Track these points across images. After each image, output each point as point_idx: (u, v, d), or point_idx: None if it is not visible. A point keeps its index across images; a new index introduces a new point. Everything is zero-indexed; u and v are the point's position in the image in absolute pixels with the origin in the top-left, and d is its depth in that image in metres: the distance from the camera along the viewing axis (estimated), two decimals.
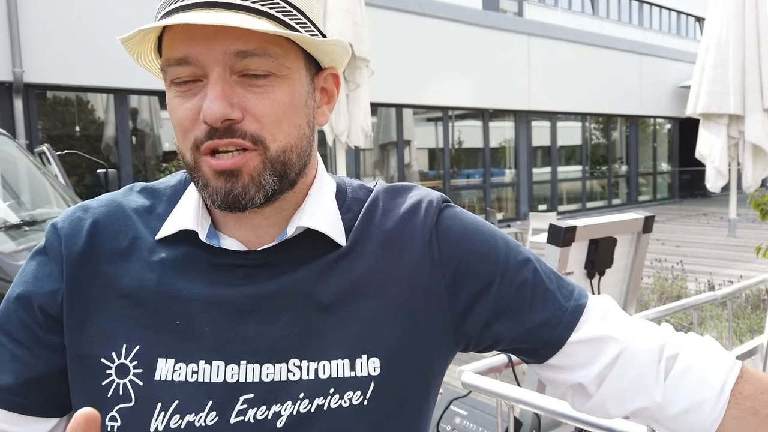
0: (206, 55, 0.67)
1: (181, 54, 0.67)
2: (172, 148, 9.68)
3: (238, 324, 0.71)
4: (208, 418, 0.69)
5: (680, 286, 6.50)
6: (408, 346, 0.75)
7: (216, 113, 0.66)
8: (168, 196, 0.81)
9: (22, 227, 3.15)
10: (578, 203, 16.84)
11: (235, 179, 0.69)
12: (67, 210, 0.80)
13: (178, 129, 0.71)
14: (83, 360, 0.73)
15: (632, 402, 0.78)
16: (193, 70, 0.68)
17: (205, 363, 0.70)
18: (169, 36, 0.69)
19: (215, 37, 0.66)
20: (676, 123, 19.98)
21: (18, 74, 7.52)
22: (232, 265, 0.74)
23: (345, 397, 0.71)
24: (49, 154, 4.44)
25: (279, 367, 0.71)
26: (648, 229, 2.23)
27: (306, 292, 0.73)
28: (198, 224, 0.75)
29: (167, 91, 0.72)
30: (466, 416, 2.15)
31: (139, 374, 0.70)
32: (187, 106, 0.69)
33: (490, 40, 13.70)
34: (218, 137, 0.68)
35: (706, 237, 11.70)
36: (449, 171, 13.45)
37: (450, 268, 0.78)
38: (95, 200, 0.81)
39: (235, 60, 0.67)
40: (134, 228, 0.77)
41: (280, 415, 0.69)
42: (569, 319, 0.79)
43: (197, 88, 0.69)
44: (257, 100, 0.68)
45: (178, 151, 0.73)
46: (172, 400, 0.69)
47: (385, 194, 0.82)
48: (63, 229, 0.77)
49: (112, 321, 0.72)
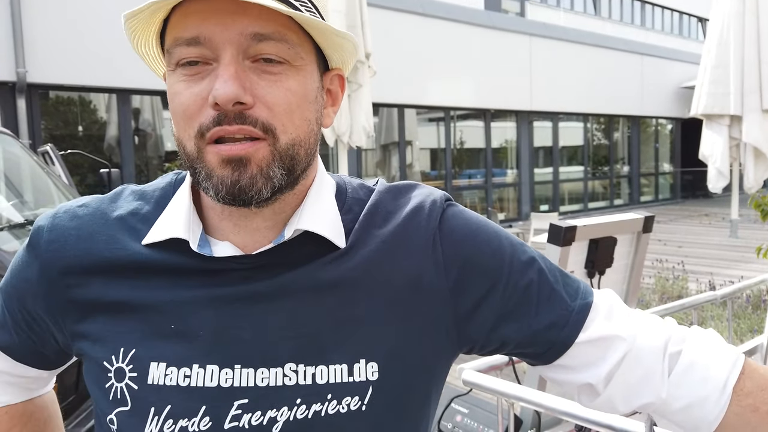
0: (220, 35, 0.64)
1: (193, 33, 0.64)
2: (174, 147, 9.69)
3: (231, 327, 0.70)
4: (202, 423, 0.67)
5: (681, 287, 6.50)
6: (407, 349, 0.73)
7: (229, 94, 0.63)
8: (156, 198, 0.78)
9: (26, 226, 3.17)
10: (580, 203, 16.84)
11: (243, 169, 0.65)
12: (56, 212, 0.78)
13: (180, 115, 0.67)
14: (89, 359, 0.74)
15: (639, 398, 0.77)
16: (203, 52, 0.65)
17: (199, 367, 0.69)
18: (180, 15, 0.66)
19: (232, 18, 0.64)
20: (678, 123, 19.97)
21: (21, 74, 7.55)
22: (227, 270, 0.71)
23: (343, 402, 0.69)
24: (52, 153, 4.45)
25: (274, 372, 0.69)
26: (648, 229, 2.24)
27: (303, 295, 0.71)
28: (189, 231, 0.72)
29: (169, 75, 0.68)
30: (467, 414, 2.16)
31: (134, 378, 0.70)
32: (193, 91, 0.66)
33: (492, 40, 13.71)
34: (227, 123, 0.64)
35: (708, 237, 11.70)
36: (451, 171, 13.45)
37: (454, 269, 0.75)
38: (82, 206, 0.78)
39: (250, 43, 0.65)
40: (118, 238, 0.74)
41: (276, 420, 0.68)
42: (576, 319, 0.77)
43: (205, 72, 0.66)
44: (270, 88, 0.66)
45: (177, 140, 0.69)
46: (164, 404, 0.68)
47: (387, 194, 0.80)
48: (48, 237, 0.76)
49: (109, 327, 0.72)
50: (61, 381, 2.56)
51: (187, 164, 0.69)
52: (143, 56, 0.76)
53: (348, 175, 0.88)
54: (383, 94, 10.07)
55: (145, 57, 0.76)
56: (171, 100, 0.68)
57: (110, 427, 0.71)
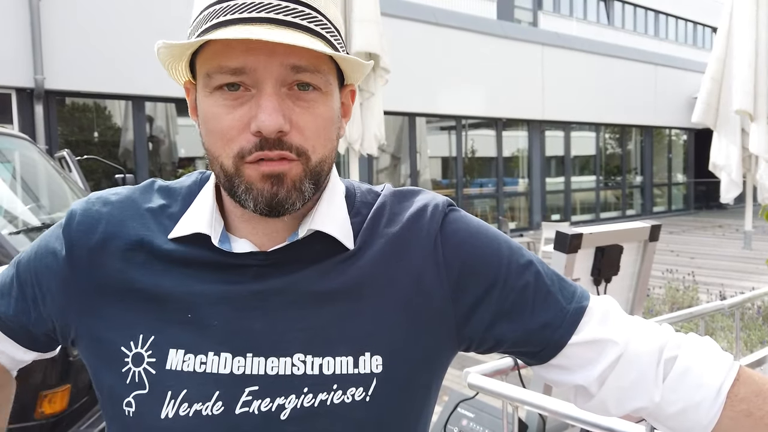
0: (264, 67, 0.69)
1: (239, 64, 0.69)
2: (188, 154, 9.79)
3: (245, 318, 0.74)
4: (215, 407, 0.72)
5: (692, 297, 6.46)
6: (410, 345, 0.77)
7: (274, 126, 0.69)
8: (183, 195, 0.84)
9: (43, 230, 3.22)
10: (592, 213, 16.77)
11: (281, 184, 0.71)
12: (89, 198, 0.84)
13: (219, 136, 0.72)
14: (102, 343, 0.78)
15: (632, 402, 0.79)
16: (244, 80, 0.70)
17: (214, 354, 0.73)
18: (223, 44, 0.70)
19: (274, 51, 0.69)
20: (692, 134, 19.85)
21: (39, 81, 7.68)
22: (243, 265, 0.76)
23: (348, 393, 0.73)
24: (69, 159, 4.52)
25: (284, 361, 0.73)
26: (654, 238, 2.25)
27: (312, 290, 0.75)
28: (211, 227, 0.77)
29: (206, 97, 0.73)
30: (473, 418, 2.18)
31: (152, 363, 0.74)
32: (234, 116, 0.71)
33: (505, 49, 13.73)
34: (268, 149, 0.70)
35: (721, 249, 11.60)
36: (462, 180, 13.46)
37: (454, 271, 0.79)
38: (115, 194, 0.84)
39: (289, 73, 0.70)
40: (148, 227, 0.80)
41: (284, 407, 0.72)
42: (570, 321, 0.80)
43: (244, 99, 0.71)
44: (304, 115, 0.72)
45: (212, 156, 0.74)
46: (181, 388, 0.72)
47: (392, 198, 0.85)
48: (80, 219, 0.81)
49: (128, 313, 0.76)
50: (74, 383, 2.61)
51: (224, 178, 0.74)
52: (171, 71, 0.80)
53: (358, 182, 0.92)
54: (395, 102, 10.12)
55: (172, 72, 0.80)
56: (208, 121, 0.73)
57: (126, 410, 0.75)
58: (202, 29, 0.71)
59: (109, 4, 8.23)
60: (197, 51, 0.75)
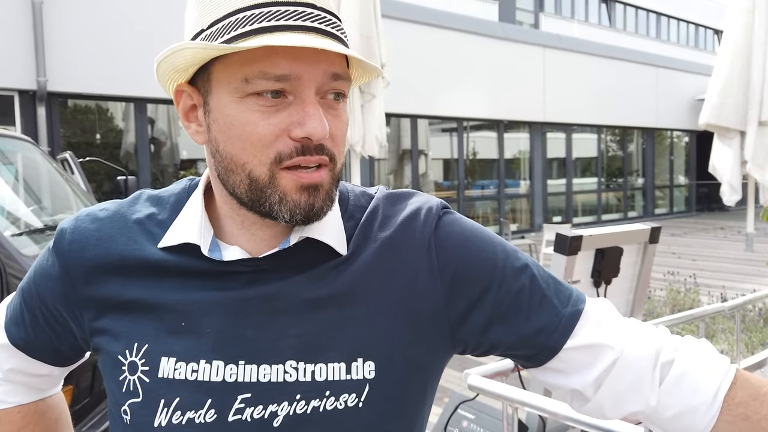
0: (308, 74, 0.70)
1: (285, 71, 0.69)
2: (190, 156, 9.81)
3: (237, 325, 0.74)
4: (207, 415, 0.72)
5: (693, 299, 6.46)
6: (404, 349, 0.76)
7: (323, 132, 0.70)
8: (172, 203, 0.83)
9: (45, 231, 3.24)
10: (593, 215, 16.76)
11: (317, 194, 0.73)
12: (78, 215, 0.84)
13: (255, 143, 0.70)
14: (104, 352, 0.80)
15: (628, 406, 0.79)
16: (286, 87, 0.70)
17: (206, 362, 0.73)
18: (266, 51, 0.69)
19: (317, 59, 0.70)
20: (694, 136, 19.84)
21: (41, 83, 7.69)
22: (234, 272, 0.76)
23: (340, 399, 0.72)
24: (71, 161, 4.53)
25: (276, 368, 0.73)
26: (654, 240, 2.25)
27: (304, 296, 0.75)
28: (200, 236, 0.77)
29: (235, 102, 0.71)
30: (473, 420, 2.19)
31: (146, 371, 0.74)
32: (271, 122, 0.70)
33: (506, 51, 13.74)
34: (309, 153, 0.71)
35: (723, 251, 11.58)
36: (464, 181, 13.46)
37: (448, 274, 0.78)
38: (104, 209, 0.84)
39: (327, 81, 0.72)
40: (136, 240, 0.80)
41: (276, 414, 0.72)
42: (566, 325, 0.79)
43: (282, 105, 0.70)
44: (334, 122, 0.74)
45: (238, 164, 0.72)
46: (173, 397, 0.73)
47: (386, 201, 0.84)
48: (71, 238, 0.82)
49: (125, 323, 0.77)
50: (76, 384, 2.62)
51: (253, 188, 0.72)
52: (161, 74, 0.76)
53: (360, 185, 0.93)
54: (396, 104, 10.13)
55: (163, 75, 0.76)
56: (236, 127, 0.71)
57: (123, 417, 0.76)
58: (236, 33, 0.68)
59: (112, 7, 8.25)
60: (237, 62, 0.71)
